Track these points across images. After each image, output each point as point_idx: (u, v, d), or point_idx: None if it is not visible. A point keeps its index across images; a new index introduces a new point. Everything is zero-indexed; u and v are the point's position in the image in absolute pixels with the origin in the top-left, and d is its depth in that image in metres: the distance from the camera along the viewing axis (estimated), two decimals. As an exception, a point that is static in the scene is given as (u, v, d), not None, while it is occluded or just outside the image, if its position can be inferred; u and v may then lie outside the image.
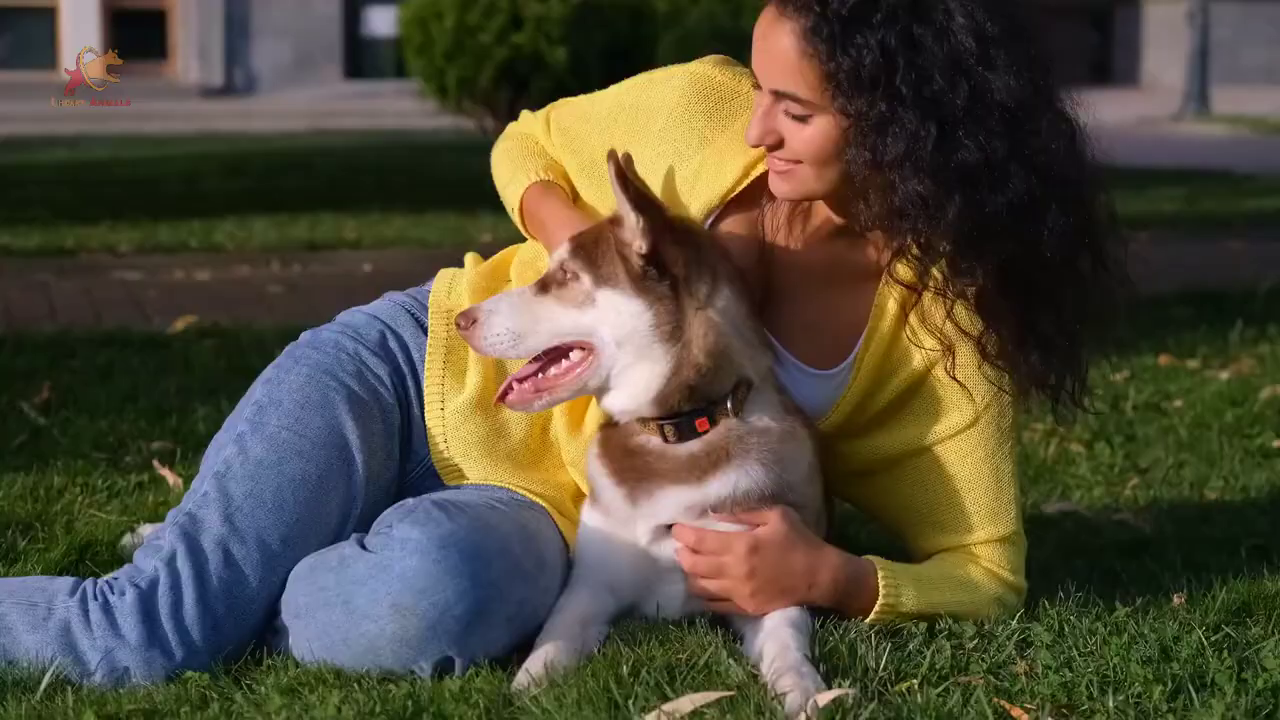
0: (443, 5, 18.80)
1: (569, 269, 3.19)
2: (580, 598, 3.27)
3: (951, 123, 3.11)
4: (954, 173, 3.12)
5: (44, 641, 3.12)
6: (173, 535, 3.21)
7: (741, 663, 3.08)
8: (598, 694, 2.91)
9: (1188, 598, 3.58)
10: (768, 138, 3.24)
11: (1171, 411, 5.86)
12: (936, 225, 3.15)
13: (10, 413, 5.50)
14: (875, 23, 3.10)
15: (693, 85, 3.47)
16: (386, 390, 3.41)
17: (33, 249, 10.13)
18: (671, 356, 3.19)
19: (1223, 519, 4.49)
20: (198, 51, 31.71)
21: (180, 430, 5.24)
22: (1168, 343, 7.10)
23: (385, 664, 3.07)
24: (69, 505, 4.34)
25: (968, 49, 3.12)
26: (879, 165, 3.13)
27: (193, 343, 6.94)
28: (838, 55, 3.10)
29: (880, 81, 3.09)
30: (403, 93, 23.08)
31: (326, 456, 3.30)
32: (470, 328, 3.24)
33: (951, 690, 2.98)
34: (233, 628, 3.17)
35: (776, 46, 3.18)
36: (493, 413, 3.42)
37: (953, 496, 3.44)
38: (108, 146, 18.67)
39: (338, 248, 10.35)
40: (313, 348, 3.43)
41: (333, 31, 32.26)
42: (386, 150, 17.27)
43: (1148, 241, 11.02)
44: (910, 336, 3.38)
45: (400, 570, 3.06)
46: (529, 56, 18.61)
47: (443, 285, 3.57)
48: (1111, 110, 16.04)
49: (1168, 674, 3.05)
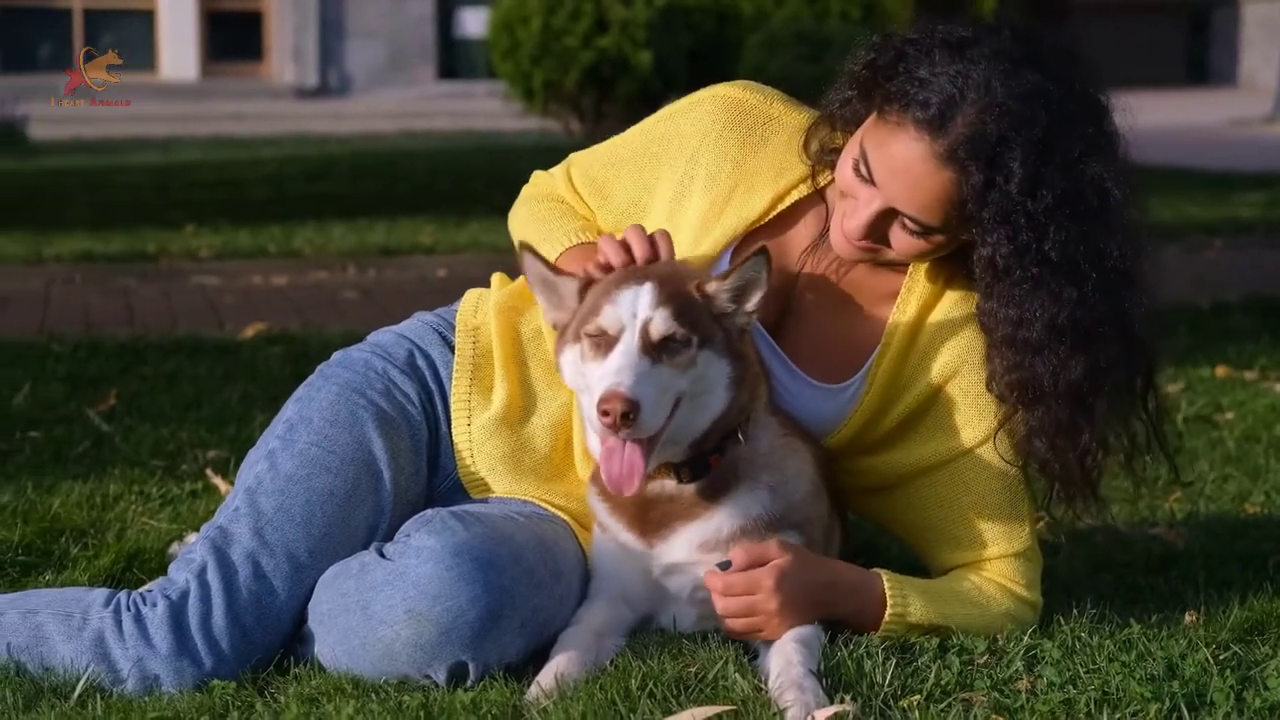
0: (529, 9, 18.99)
1: (679, 335, 3.21)
2: (596, 611, 3.37)
3: (1087, 286, 3.30)
4: (1081, 335, 3.33)
5: (79, 650, 3.24)
6: (204, 548, 3.33)
7: (748, 677, 3.15)
8: (605, 707, 2.99)
9: (1204, 614, 3.62)
10: (872, 236, 3.38)
11: (1222, 424, 5.85)
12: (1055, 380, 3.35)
13: (76, 419, 5.64)
14: (1040, 198, 3.25)
15: (724, 108, 3.57)
16: (414, 407, 3.52)
17: (115, 254, 10.31)
18: (731, 396, 3.28)
19: (1258, 534, 4.49)
20: (292, 53, 32.02)
21: (238, 438, 5.35)
22: (1228, 353, 7.08)
23: (401, 669, 3.18)
24: (122, 513, 4.47)
25: (1112, 223, 3.31)
26: (1012, 320, 3.33)
27: (261, 349, 7.07)
28: (997, 227, 3.27)
29: (1030, 250, 3.28)
30: (493, 93, 23.28)
31: (354, 472, 3.41)
32: (630, 422, 3.10)
33: (952, 706, 3.05)
34: (261, 637, 3.29)
35: (927, 185, 3.28)
36: (517, 428, 3.52)
37: (965, 513, 3.51)
38: (199, 149, 18.86)
39: (412, 253, 10.48)
40: (343, 367, 3.55)
41: (426, 32, 32.49)
42: (469, 153, 17.39)
43: (1221, 248, 11.05)
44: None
45: (415, 577, 3.17)
46: (614, 59, 18.76)
47: (470, 305, 3.67)
48: (1205, 111, 15.91)
49: (1167, 692, 3.09)
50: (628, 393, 3.09)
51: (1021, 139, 3.23)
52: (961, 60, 3.26)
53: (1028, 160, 3.23)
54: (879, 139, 3.32)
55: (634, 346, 3.17)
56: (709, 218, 3.52)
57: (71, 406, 5.83)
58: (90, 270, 9.86)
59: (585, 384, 3.23)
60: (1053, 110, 3.25)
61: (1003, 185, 3.24)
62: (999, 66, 3.25)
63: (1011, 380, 3.37)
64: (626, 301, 3.21)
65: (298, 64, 32.10)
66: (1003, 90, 3.23)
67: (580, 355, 3.24)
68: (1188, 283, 9.35)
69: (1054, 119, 3.25)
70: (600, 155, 3.69)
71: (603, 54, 18.63)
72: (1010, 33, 3.32)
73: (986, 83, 3.23)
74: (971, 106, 3.23)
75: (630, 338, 3.18)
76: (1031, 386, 3.36)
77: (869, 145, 3.33)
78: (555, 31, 18.72)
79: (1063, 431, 3.38)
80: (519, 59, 18.93)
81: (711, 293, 3.28)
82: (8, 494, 4.63)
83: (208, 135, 20.88)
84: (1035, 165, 3.24)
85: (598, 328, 3.21)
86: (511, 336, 3.59)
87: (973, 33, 3.32)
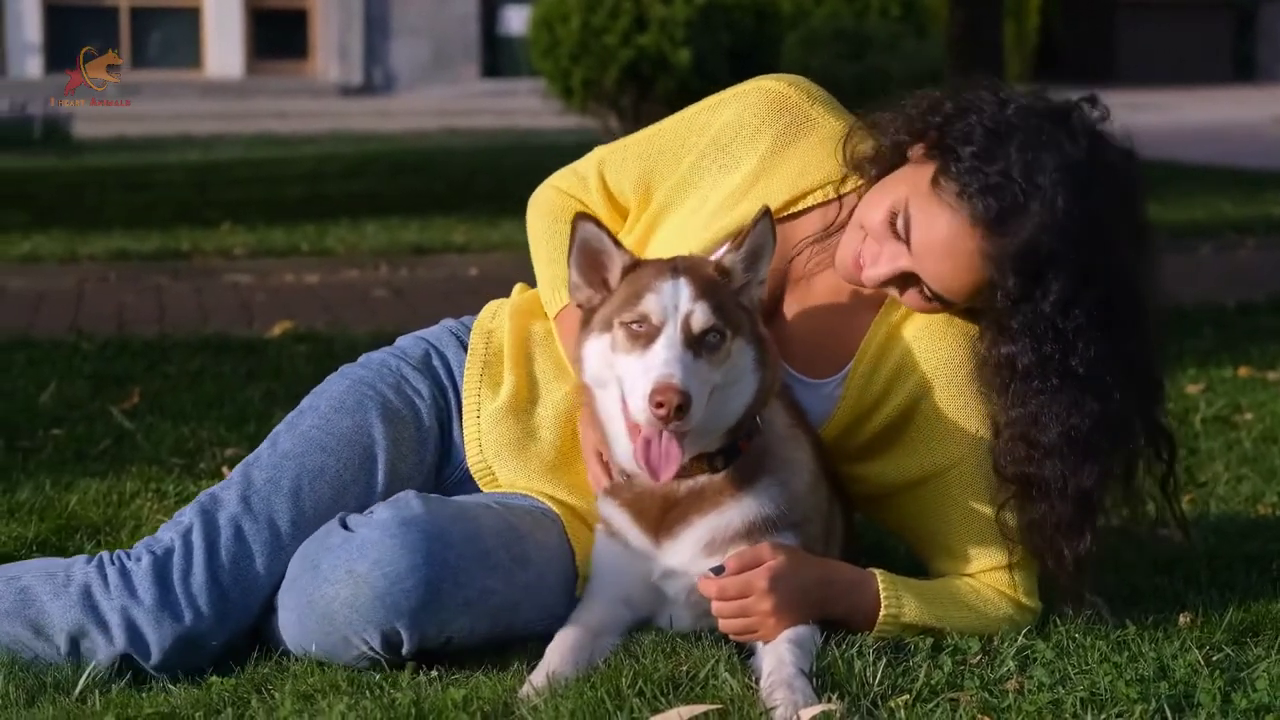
0: (568, 7, 18.99)
1: (716, 329, 3.22)
2: (593, 610, 3.41)
3: (1112, 400, 3.34)
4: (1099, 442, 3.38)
5: (67, 605, 3.35)
6: (193, 511, 3.46)
7: (738, 677, 3.18)
8: (594, 704, 3.03)
9: (1202, 616, 3.62)
10: (889, 287, 3.41)
11: (1241, 425, 5.84)
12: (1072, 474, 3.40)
13: (99, 417, 5.71)
14: (1073, 317, 3.30)
15: (766, 101, 3.62)
16: (424, 402, 3.62)
17: (149, 253, 10.39)
18: (759, 378, 3.31)
19: (1267, 535, 4.48)
20: (338, 51, 32.13)
21: (258, 436, 5.32)
22: (1251, 353, 7.06)
23: (339, 630, 3.26)
24: (137, 511, 4.53)
25: (1141, 334, 3.37)
26: (1027, 420, 3.37)
27: (287, 348, 7.14)
28: (1024, 336, 3.33)
29: (1054, 362, 3.33)
30: (536, 91, 23.27)
31: (349, 454, 3.52)
32: (683, 415, 3.12)
33: (940, 706, 3.07)
34: (239, 598, 3.39)
35: (965, 275, 3.33)
36: (524, 417, 3.60)
37: (956, 526, 3.53)
38: (240, 147, 18.96)
39: (444, 252, 10.53)
40: (361, 365, 3.69)
41: (470, 30, 32.56)
42: (507, 151, 17.44)
43: (1254, 247, 11.00)
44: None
45: (361, 540, 3.28)
46: (653, 57, 18.76)
47: (488, 312, 3.78)
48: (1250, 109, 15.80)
49: (1155, 694, 3.11)
50: (680, 384, 3.10)
51: (1070, 262, 3.25)
52: (1035, 167, 3.25)
53: (1070, 283, 3.26)
54: (927, 206, 3.32)
55: (678, 339, 3.18)
56: (725, 205, 3.58)
57: (96, 405, 5.90)
58: (124, 269, 9.95)
59: (614, 374, 3.24)
60: (1105, 236, 3.28)
61: (1039, 300, 3.28)
62: (1068, 180, 3.25)
63: (1016, 473, 3.40)
64: (669, 293, 3.21)
65: (342, 62, 32.22)
66: (1064, 211, 3.24)
67: (611, 345, 3.25)
68: (1217, 281, 9.34)
69: (1104, 244, 3.28)
70: (635, 148, 3.72)
71: (642, 52, 18.63)
72: (1084, 133, 3.32)
73: (1053, 200, 3.24)
74: (1033, 220, 3.24)
75: (673, 330, 3.18)
76: (1039, 484, 3.39)
77: (914, 207, 3.33)
78: (595, 29, 18.72)
79: (1062, 531, 3.41)
80: (558, 57, 18.94)
81: (729, 265, 3.32)
82: (26, 490, 4.69)
83: (251, 133, 20.98)
84: (1076, 288, 3.27)
85: (640, 315, 3.21)
86: (523, 335, 3.68)
87: (1048, 128, 3.31)
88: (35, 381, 6.26)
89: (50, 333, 7.58)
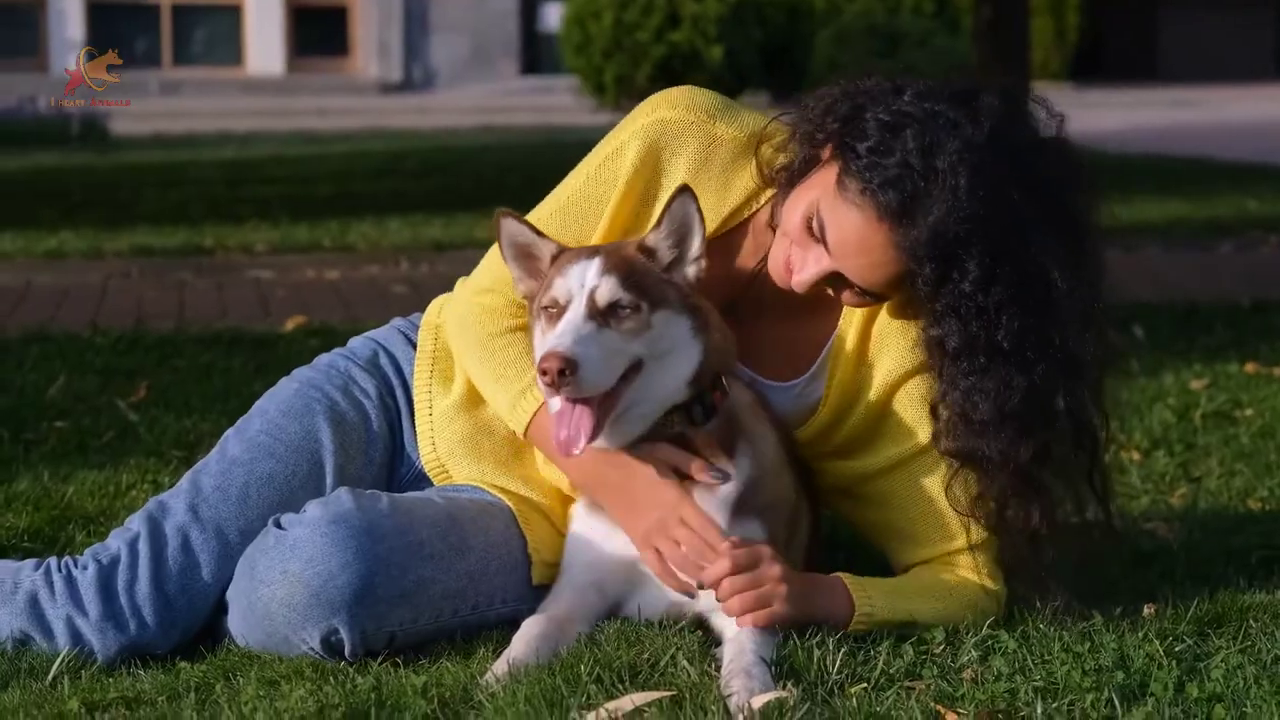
0: (601, 4, 19.09)
1: (626, 302, 3.29)
2: (561, 599, 3.45)
3: (1036, 373, 3.38)
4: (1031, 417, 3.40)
5: (14, 613, 3.42)
6: (140, 519, 3.52)
7: (696, 665, 3.22)
8: (550, 690, 3.07)
9: (1168, 607, 3.64)
10: (819, 288, 3.43)
11: (1241, 420, 5.84)
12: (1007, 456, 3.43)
13: (105, 410, 5.78)
14: (993, 293, 3.32)
15: (667, 131, 3.54)
16: (371, 403, 3.66)
17: (173, 248, 10.46)
18: (702, 343, 3.37)
19: (1253, 529, 4.49)
20: (377, 48, 32.18)
21: (259, 430, 5.44)
22: (1260, 350, 7.05)
23: (279, 631, 3.32)
24: (133, 502, 4.57)
25: (1063, 312, 3.37)
26: (960, 400, 3.42)
27: (298, 342, 7.18)
28: (949, 317, 3.37)
29: (981, 340, 3.36)
30: (573, 88, 23.35)
31: (297, 460, 3.57)
32: (568, 380, 3.17)
33: (896, 694, 3.10)
34: (185, 607, 3.45)
35: (882, 267, 3.34)
36: (476, 413, 3.63)
37: (922, 509, 3.57)
38: (276, 144, 19.02)
39: (465, 248, 10.58)
40: (310, 367, 3.74)
41: (509, 27, 32.57)
42: (540, 149, 17.46)
43: (1276, 245, 10.96)
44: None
45: (293, 540, 3.33)
46: (686, 54, 18.84)
47: (434, 307, 3.80)
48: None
49: (1108, 683, 3.14)
50: (565, 351, 3.18)
51: (980, 241, 3.27)
52: (932, 153, 3.26)
53: (984, 260, 3.29)
54: (835, 206, 3.33)
55: (580, 313, 3.26)
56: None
57: (103, 398, 5.96)
58: (147, 265, 10.01)
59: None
60: (1015, 211, 3.29)
61: (957, 281, 3.31)
62: (969, 160, 3.26)
63: (958, 449, 3.45)
64: (576, 273, 3.30)
65: (382, 59, 32.28)
66: (967, 191, 3.24)
67: (540, 331, 3.34)
68: (1235, 279, 9.32)
69: (1015, 220, 3.30)
70: (550, 220, 3.57)
71: (674, 49, 18.74)
72: (988, 114, 3.32)
73: (954, 183, 3.25)
74: (936, 206, 3.26)
75: (578, 305, 3.27)
76: (981, 460, 3.43)
77: (825, 209, 3.35)
78: (627, 26, 18.83)
79: (1010, 505, 3.46)
80: (591, 54, 19.07)
81: (652, 245, 3.37)
82: (25, 481, 4.76)
83: (289, 130, 21.05)
84: (991, 266, 3.29)
85: (551, 299, 3.31)
86: None
87: (947, 112, 3.31)
88: (46, 375, 6.33)
89: (69, 328, 7.63)
